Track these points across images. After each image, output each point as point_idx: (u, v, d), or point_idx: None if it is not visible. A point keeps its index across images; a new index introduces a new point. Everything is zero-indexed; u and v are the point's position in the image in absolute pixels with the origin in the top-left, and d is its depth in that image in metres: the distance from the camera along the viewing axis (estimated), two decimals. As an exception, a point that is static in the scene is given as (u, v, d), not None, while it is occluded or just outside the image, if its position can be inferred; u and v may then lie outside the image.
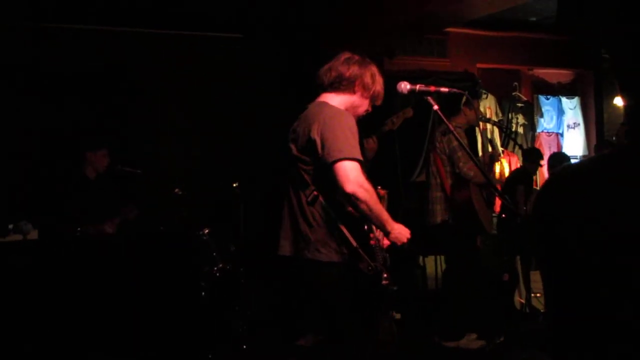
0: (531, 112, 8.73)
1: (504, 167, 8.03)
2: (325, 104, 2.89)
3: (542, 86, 9.13)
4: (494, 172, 5.32)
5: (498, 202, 6.26)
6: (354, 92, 2.93)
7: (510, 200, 3.07)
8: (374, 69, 2.99)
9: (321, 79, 2.95)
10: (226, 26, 6.31)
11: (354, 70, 2.91)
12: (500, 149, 8.19)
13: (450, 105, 5.05)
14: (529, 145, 8.49)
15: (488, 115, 8.00)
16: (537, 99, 8.96)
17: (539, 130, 8.89)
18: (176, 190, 4.96)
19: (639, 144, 1.01)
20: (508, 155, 8.33)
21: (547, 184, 1.09)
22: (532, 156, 6.34)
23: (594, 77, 9.07)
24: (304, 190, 2.81)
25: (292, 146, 2.87)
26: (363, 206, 2.67)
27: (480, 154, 7.53)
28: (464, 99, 4.79)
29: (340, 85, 2.92)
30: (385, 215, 2.80)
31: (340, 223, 2.75)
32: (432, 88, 2.89)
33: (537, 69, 8.94)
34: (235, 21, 6.22)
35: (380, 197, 3.34)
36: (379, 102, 3.04)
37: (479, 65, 8.10)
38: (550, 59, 8.60)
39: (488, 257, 5.85)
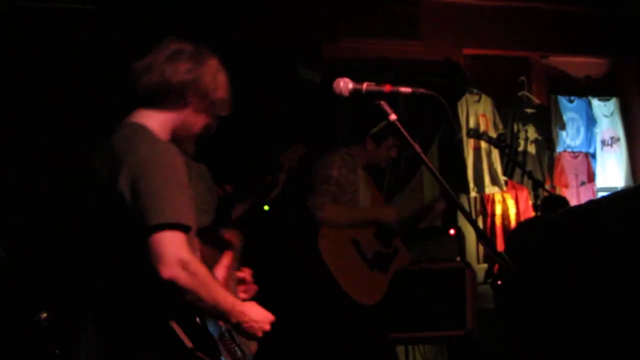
0: (547, 122, 8.87)
1: (507, 206, 8.18)
2: (141, 130, 2.91)
3: (562, 82, 9.29)
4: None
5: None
6: (185, 105, 2.98)
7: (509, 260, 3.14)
8: (214, 64, 3.06)
9: (138, 84, 2.97)
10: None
11: (182, 71, 2.95)
12: (503, 178, 8.33)
13: (420, 111, 5.21)
14: (545, 171, 8.64)
15: (482, 128, 8.13)
16: (556, 101, 9.11)
17: (559, 149, 9.03)
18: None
19: None
20: (514, 188, 8.45)
21: (542, 234, 1.15)
22: (553, 206, 6.51)
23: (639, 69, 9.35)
24: (108, 269, 2.89)
25: (90, 196, 2.91)
26: (188, 297, 2.72)
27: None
28: (378, 127, 5.23)
29: (166, 98, 2.95)
30: (226, 302, 2.85)
31: (168, 317, 2.81)
32: (387, 88, 2.92)
33: (555, 56, 9.09)
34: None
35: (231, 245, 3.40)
36: (225, 112, 3.13)
37: (466, 51, 8.32)
38: (574, 41, 8.80)
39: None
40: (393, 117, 2.89)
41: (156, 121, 2.95)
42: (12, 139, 5.60)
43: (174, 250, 2.66)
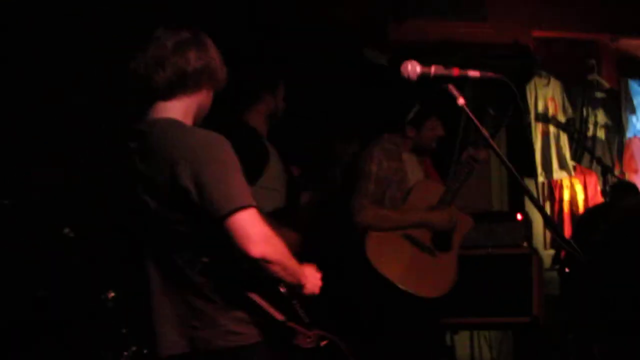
0: (617, 106, 8.78)
1: (576, 191, 8.09)
2: (176, 123, 3.01)
3: (633, 65, 9.09)
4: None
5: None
6: (199, 89, 3.11)
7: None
8: (211, 44, 3.16)
9: (152, 81, 3.03)
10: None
11: (193, 59, 3.05)
12: (571, 164, 8.24)
13: (488, 95, 5.15)
14: (615, 157, 8.52)
15: (551, 112, 8.05)
16: (627, 84, 8.96)
17: (629, 134, 8.89)
18: (66, 230, 4.93)
19: None
20: (582, 173, 8.35)
21: (616, 223, 1.14)
22: (622, 193, 6.43)
23: None
24: (185, 256, 2.92)
25: (148, 199, 2.96)
26: (276, 268, 2.85)
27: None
28: (412, 112, 5.26)
29: (183, 87, 3.05)
30: (296, 265, 3.00)
31: (250, 291, 2.91)
32: (456, 71, 2.92)
33: (626, 38, 8.82)
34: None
35: None
36: (222, 87, 3.24)
37: (536, 34, 8.18)
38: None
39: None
40: (461, 101, 2.88)
41: (180, 110, 3.06)
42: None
43: (257, 229, 2.78)
